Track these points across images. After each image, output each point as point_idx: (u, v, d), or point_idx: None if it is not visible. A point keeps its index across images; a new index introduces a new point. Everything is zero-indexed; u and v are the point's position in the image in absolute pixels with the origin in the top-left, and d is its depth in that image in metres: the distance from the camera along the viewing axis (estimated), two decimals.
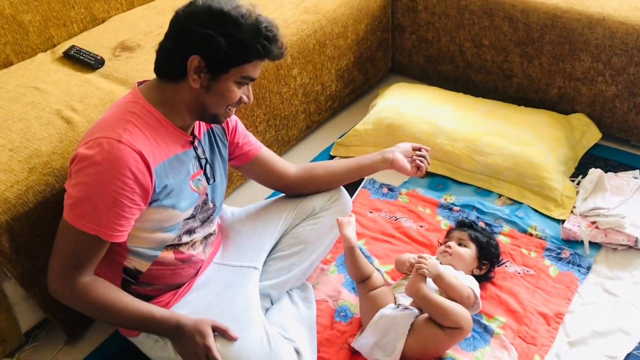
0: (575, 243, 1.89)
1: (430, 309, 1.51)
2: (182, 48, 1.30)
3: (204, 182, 1.51)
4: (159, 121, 1.37)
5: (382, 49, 2.67)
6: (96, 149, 1.28)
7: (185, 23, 1.31)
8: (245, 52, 1.31)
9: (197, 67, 1.30)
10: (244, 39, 1.29)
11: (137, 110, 1.35)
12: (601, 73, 2.17)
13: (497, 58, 2.41)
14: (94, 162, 1.27)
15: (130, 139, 1.29)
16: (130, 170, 1.28)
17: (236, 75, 1.33)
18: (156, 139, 1.36)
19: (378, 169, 1.76)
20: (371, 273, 1.67)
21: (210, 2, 1.30)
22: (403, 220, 2.02)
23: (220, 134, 1.59)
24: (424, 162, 1.74)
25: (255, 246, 1.69)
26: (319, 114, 2.48)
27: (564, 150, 2.13)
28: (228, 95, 1.36)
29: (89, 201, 1.28)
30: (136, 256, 1.44)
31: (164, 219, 1.42)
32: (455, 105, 2.29)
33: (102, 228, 1.30)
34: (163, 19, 2.32)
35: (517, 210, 2.02)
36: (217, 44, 1.28)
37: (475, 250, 1.74)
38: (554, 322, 1.66)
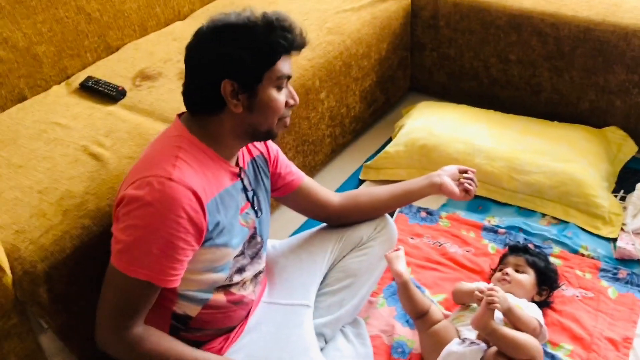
0: (630, 262, 1.82)
1: (501, 344, 1.43)
2: (209, 79, 1.24)
3: (252, 215, 1.42)
4: (207, 155, 1.29)
5: (402, 67, 2.60)
6: (146, 189, 1.18)
7: (200, 54, 1.25)
8: (269, 52, 1.24)
9: (232, 91, 1.23)
10: (262, 40, 1.22)
11: (184, 145, 1.27)
12: (637, 85, 2.12)
13: (524, 73, 2.36)
14: (145, 203, 1.18)
15: (181, 176, 1.20)
16: (184, 210, 1.19)
17: (271, 79, 1.26)
18: (205, 174, 1.27)
19: (425, 194, 1.68)
20: (429, 307, 1.59)
21: (213, 23, 1.25)
22: (448, 245, 1.94)
23: (262, 165, 1.50)
24: (472, 184, 1.67)
25: (304, 282, 1.59)
26: (344, 137, 2.40)
27: (605, 165, 2.08)
28: (273, 104, 1.28)
29: (140, 245, 1.18)
30: (186, 300, 1.34)
31: (216, 258, 1.32)
32: (488, 123, 2.23)
33: (156, 273, 1.20)
34: (180, 44, 2.21)
35: (564, 230, 1.95)
36: (240, 58, 1.21)
37: (534, 276, 1.67)
38: (623, 348, 1.59)
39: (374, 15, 2.35)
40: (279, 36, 1.23)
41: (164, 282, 1.22)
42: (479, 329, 1.46)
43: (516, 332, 1.45)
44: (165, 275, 1.21)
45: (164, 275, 1.21)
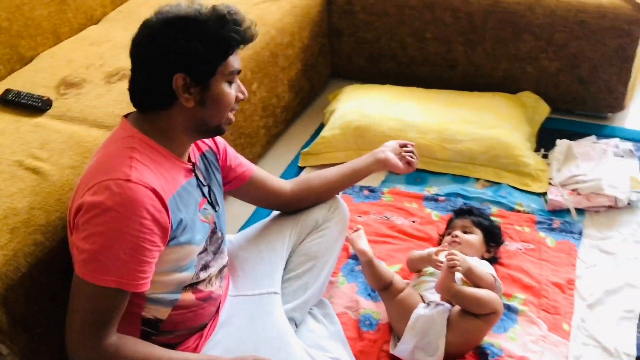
0: (561, 212, 1.98)
1: (465, 303, 1.51)
2: (159, 73, 1.21)
3: (210, 210, 1.41)
4: (161, 153, 1.27)
5: (322, 54, 2.65)
6: (105, 193, 1.15)
7: (150, 48, 1.22)
8: (223, 45, 1.23)
9: (183, 85, 1.21)
10: (215, 33, 1.21)
11: (136, 145, 1.24)
12: (544, 50, 2.29)
13: (440, 49, 2.47)
14: (106, 208, 1.14)
15: (139, 176, 1.18)
16: (147, 210, 1.17)
17: (223, 73, 1.25)
18: (162, 172, 1.25)
19: (372, 171, 1.74)
20: (392, 277, 1.65)
21: (162, 15, 1.22)
22: (394, 218, 2.01)
23: (212, 159, 1.50)
24: (414, 157, 1.75)
25: (268, 271, 1.60)
26: (277, 127, 2.41)
27: (526, 128, 2.23)
28: (225, 98, 1.27)
29: (107, 252, 1.15)
30: (155, 304, 1.31)
31: (181, 257, 1.30)
32: (415, 100, 2.32)
33: (125, 279, 1.17)
34: (99, 49, 2.15)
35: (498, 190, 2.08)
36: (194, 51, 1.19)
37: (481, 235, 1.77)
38: (568, 290, 1.73)
39: (293, 4, 2.37)
40: (232, 30, 1.22)
41: (135, 287, 1.19)
42: (442, 292, 1.53)
43: (477, 289, 1.54)
44: (135, 280, 1.18)
45: (134, 280, 1.18)
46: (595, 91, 2.31)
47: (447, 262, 1.51)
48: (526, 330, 1.61)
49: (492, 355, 1.53)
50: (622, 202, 1.92)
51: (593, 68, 2.26)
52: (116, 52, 2.12)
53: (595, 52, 2.22)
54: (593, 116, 2.41)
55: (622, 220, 1.93)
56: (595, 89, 2.31)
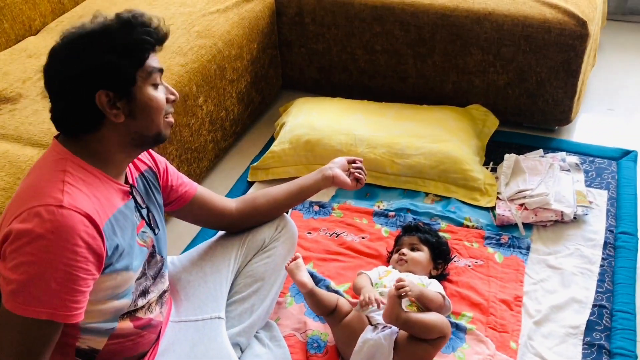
0: (509, 227, 1.98)
1: (414, 330, 1.48)
2: (79, 96, 1.16)
3: (149, 233, 1.36)
4: (94, 175, 1.20)
5: (273, 66, 2.61)
6: (34, 220, 1.08)
7: (62, 73, 1.16)
8: (136, 50, 1.18)
9: (108, 101, 1.16)
10: (126, 40, 1.17)
11: (68, 167, 1.17)
12: (492, 64, 2.30)
13: (390, 62, 2.47)
14: (36, 236, 1.08)
15: (72, 201, 1.12)
16: (80, 238, 1.10)
17: (144, 78, 1.20)
18: (96, 196, 1.19)
19: (320, 188, 1.71)
20: (336, 302, 1.60)
21: (66, 38, 1.17)
22: (344, 235, 1.99)
23: (152, 179, 1.44)
24: (362, 173, 1.73)
25: (212, 294, 1.55)
26: (225, 141, 2.36)
27: (474, 141, 2.24)
28: (154, 102, 1.22)
29: (37, 283, 1.08)
30: (90, 334, 1.25)
31: (118, 284, 1.24)
32: (364, 113, 2.30)
33: (57, 310, 1.10)
34: (38, 61, 2.07)
35: (447, 205, 2.07)
36: (107, 64, 1.15)
37: (429, 252, 1.76)
38: (515, 306, 1.73)
39: (241, 16, 2.33)
40: (142, 33, 1.18)
41: (67, 318, 1.13)
42: (391, 322, 1.49)
43: (425, 315, 1.51)
44: (67, 310, 1.12)
45: (67, 311, 1.12)
46: (543, 105, 2.34)
47: (395, 290, 1.46)
48: (474, 349, 1.60)
49: None
50: (569, 217, 1.94)
51: (540, 82, 2.28)
52: None
53: (541, 66, 2.24)
54: (541, 129, 2.43)
55: (569, 234, 1.94)
56: (543, 102, 2.33)
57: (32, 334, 1.11)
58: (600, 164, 2.22)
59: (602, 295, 1.75)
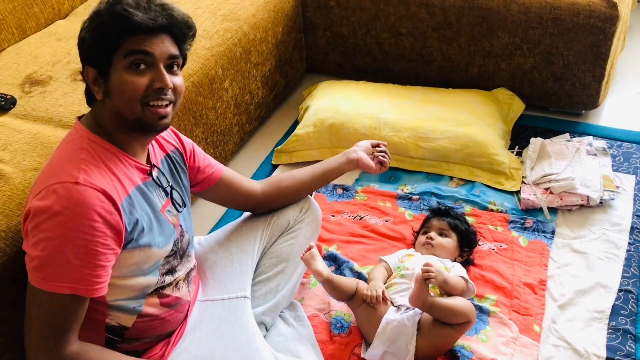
0: (534, 211, 1.97)
1: (439, 314, 1.49)
2: (82, 68, 1.24)
3: (174, 212, 1.38)
4: (111, 152, 1.23)
5: (297, 49, 2.62)
6: (52, 197, 1.12)
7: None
8: (109, 34, 1.17)
9: (93, 78, 1.21)
10: (103, 22, 1.18)
11: (85, 145, 1.20)
12: (519, 47, 2.28)
13: (415, 45, 2.45)
14: (54, 213, 1.11)
15: (87, 178, 1.15)
16: (97, 213, 1.13)
17: (120, 60, 1.18)
18: (114, 172, 1.21)
19: (344, 171, 1.72)
20: (355, 287, 1.60)
21: None
22: (368, 217, 2.00)
23: (178, 160, 1.46)
24: (386, 157, 1.73)
25: (237, 274, 1.58)
26: (250, 124, 2.38)
27: (500, 125, 2.22)
28: (125, 86, 1.18)
29: (57, 258, 1.12)
30: (118, 311, 1.28)
31: (142, 260, 1.27)
32: (389, 96, 2.30)
33: (79, 284, 1.14)
34: (66, 44, 2.10)
35: (472, 189, 2.07)
36: (88, 44, 1.20)
37: (456, 239, 1.76)
38: (539, 290, 1.72)
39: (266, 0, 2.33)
40: (117, 14, 1.16)
41: (90, 292, 1.16)
42: (417, 305, 1.50)
43: (450, 300, 1.51)
44: (90, 285, 1.15)
45: (89, 285, 1.15)
46: (570, 88, 2.31)
47: (422, 275, 1.47)
48: (497, 332, 1.61)
49: (463, 357, 1.52)
50: (594, 201, 1.92)
51: (567, 65, 2.25)
52: None
53: (569, 49, 2.21)
54: (567, 113, 2.40)
55: (594, 219, 1.93)
56: (570, 86, 2.30)
57: (58, 309, 1.15)
58: (628, 149, 2.19)
59: (628, 280, 1.73)
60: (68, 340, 1.17)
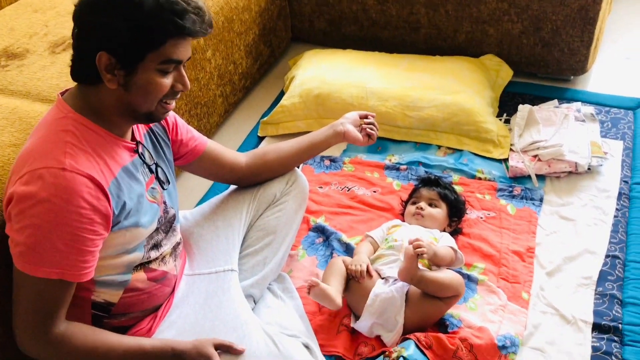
0: (522, 179, 1.96)
1: (429, 288, 1.49)
2: (87, 46, 1.13)
3: (158, 189, 1.35)
4: (97, 133, 1.19)
5: (282, 17, 2.56)
6: (38, 183, 1.09)
7: (82, 16, 1.14)
8: (153, 34, 1.12)
9: (107, 65, 1.12)
10: (147, 18, 1.10)
11: (70, 126, 1.16)
12: (507, 12, 2.24)
13: (402, 12, 2.41)
14: (40, 200, 1.08)
15: (74, 164, 1.11)
16: (84, 200, 1.11)
17: (154, 61, 1.14)
18: (100, 155, 1.18)
19: (331, 144, 1.69)
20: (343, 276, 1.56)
21: None
22: (355, 189, 1.98)
23: (161, 134, 1.43)
24: (374, 129, 1.70)
25: (224, 248, 1.56)
26: (235, 95, 2.34)
27: (488, 92, 2.20)
28: (152, 88, 1.17)
29: (43, 244, 1.10)
30: (105, 287, 1.27)
31: (128, 240, 1.25)
32: (376, 65, 2.26)
33: (66, 269, 1.13)
34: (44, 16, 2.04)
35: (460, 158, 2.05)
36: (118, 33, 1.10)
37: (446, 209, 1.75)
38: (527, 258, 1.72)
39: None
40: (166, 20, 1.10)
41: (78, 277, 1.15)
42: (406, 280, 1.49)
43: (440, 274, 1.51)
44: (77, 270, 1.14)
45: (76, 270, 1.14)
46: (558, 54, 2.28)
47: (412, 249, 1.46)
48: (486, 300, 1.61)
49: (452, 326, 1.53)
50: (583, 168, 1.92)
51: (555, 30, 2.22)
52: (62, 20, 2.02)
53: (557, 13, 2.18)
54: (556, 79, 2.38)
55: (582, 185, 1.92)
56: (558, 51, 2.27)
57: (45, 293, 1.14)
58: (616, 114, 2.18)
59: (615, 245, 1.74)
60: (54, 322, 1.16)
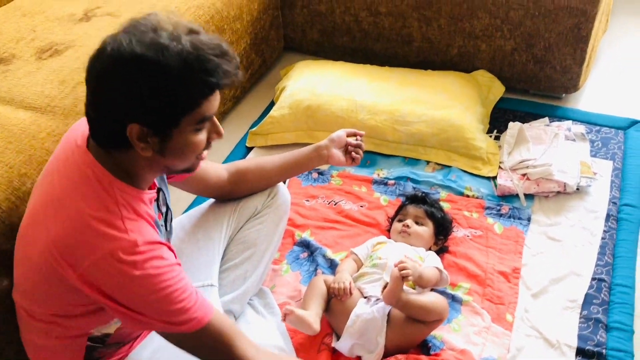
0: (510, 197, 1.95)
1: (413, 312, 1.47)
2: (112, 118, 1.05)
3: (162, 229, 1.32)
4: (136, 197, 1.15)
5: (274, 27, 2.55)
6: (125, 266, 1.07)
7: (102, 84, 1.04)
8: (186, 99, 1.05)
9: (140, 134, 1.04)
10: (176, 84, 1.02)
11: (117, 194, 1.10)
12: (499, 29, 2.23)
13: (395, 24, 2.39)
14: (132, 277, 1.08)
15: (148, 237, 1.11)
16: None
17: (190, 124, 1.07)
18: (142, 216, 1.15)
19: (314, 167, 1.66)
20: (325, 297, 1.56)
21: (120, 47, 1.01)
22: (342, 203, 1.96)
23: None
24: (359, 152, 1.64)
25: (204, 262, 1.54)
26: (224, 105, 2.32)
27: (479, 108, 2.18)
28: (190, 148, 1.11)
29: (176, 299, 1.12)
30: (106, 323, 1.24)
31: None
32: (367, 78, 2.25)
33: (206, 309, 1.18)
34: (32, 21, 2.02)
35: (448, 174, 2.04)
36: (147, 103, 1.02)
37: (433, 228, 1.73)
38: (513, 278, 1.71)
39: None
40: (198, 81, 1.03)
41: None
42: (391, 303, 1.47)
43: (424, 298, 1.49)
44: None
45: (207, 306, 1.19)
46: (550, 71, 2.27)
47: (397, 272, 1.43)
48: (469, 321, 1.59)
49: (434, 348, 1.51)
50: (571, 188, 1.90)
51: (548, 48, 2.21)
52: (50, 25, 2.00)
53: (550, 31, 2.17)
54: (548, 96, 2.37)
55: (571, 205, 1.91)
56: (550, 69, 2.26)
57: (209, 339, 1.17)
58: (607, 134, 2.16)
59: (601, 268, 1.72)
60: None
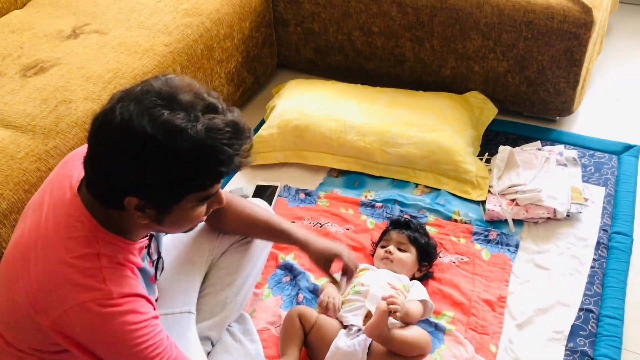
0: (499, 223, 1.91)
1: (395, 347, 1.44)
2: (111, 187, 1.03)
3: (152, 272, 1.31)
4: (123, 248, 1.13)
5: (267, 45, 2.53)
6: (103, 319, 1.06)
7: (105, 155, 1.01)
8: (192, 183, 1.03)
9: (138, 205, 1.03)
10: (184, 170, 1.00)
11: (101, 245, 1.08)
12: (492, 50, 2.20)
13: (387, 44, 2.37)
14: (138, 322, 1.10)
15: (129, 290, 1.10)
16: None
17: (192, 200, 1.06)
18: (127, 266, 1.13)
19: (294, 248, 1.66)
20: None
21: (130, 121, 0.97)
22: (328, 225, 1.93)
23: None
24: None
25: (184, 288, 1.51)
26: None
27: (470, 131, 2.15)
28: (189, 221, 1.12)
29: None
30: None
31: None
32: (357, 99, 2.22)
33: None
34: (20, 37, 2.02)
35: (437, 197, 2.01)
36: (151, 183, 1.00)
37: (416, 254, 1.70)
38: (498, 307, 1.67)
39: None
40: (209, 171, 1.02)
41: None
42: (373, 337, 1.44)
43: (408, 332, 1.47)
44: None
45: None
46: (544, 94, 2.24)
47: (385, 305, 1.40)
48: (452, 352, 1.56)
49: None
50: (561, 214, 1.87)
51: (541, 70, 2.18)
52: (37, 42, 1.99)
53: (543, 54, 2.14)
54: (541, 119, 2.34)
55: (560, 232, 1.87)
56: (544, 91, 2.24)
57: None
58: (600, 158, 2.13)
59: (589, 298, 1.68)
60: None
